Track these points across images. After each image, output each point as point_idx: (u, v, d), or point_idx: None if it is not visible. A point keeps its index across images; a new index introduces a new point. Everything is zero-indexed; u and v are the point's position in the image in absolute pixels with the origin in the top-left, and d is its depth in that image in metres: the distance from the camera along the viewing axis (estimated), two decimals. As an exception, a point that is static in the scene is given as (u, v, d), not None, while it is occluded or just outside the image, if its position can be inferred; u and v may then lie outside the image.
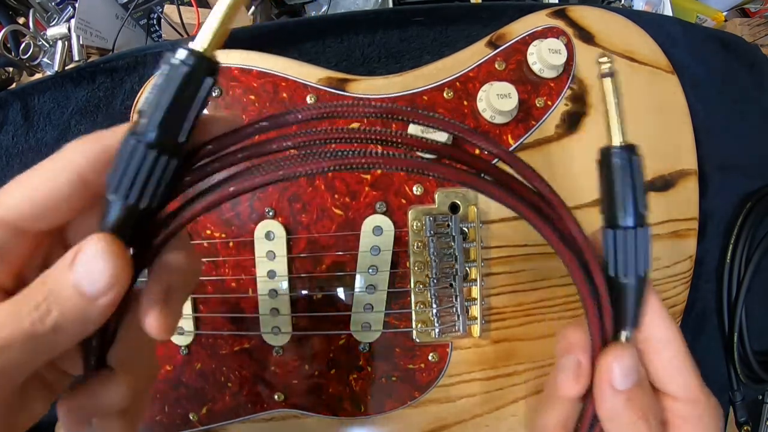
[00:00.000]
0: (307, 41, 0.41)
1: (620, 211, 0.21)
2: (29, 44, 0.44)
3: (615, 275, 0.22)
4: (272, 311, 0.35)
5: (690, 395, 0.23)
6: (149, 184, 0.18)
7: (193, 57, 0.17)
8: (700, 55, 0.44)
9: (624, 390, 0.21)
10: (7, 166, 0.42)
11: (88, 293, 0.18)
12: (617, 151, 0.22)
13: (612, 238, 0.21)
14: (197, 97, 0.18)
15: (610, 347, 0.22)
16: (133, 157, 0.17)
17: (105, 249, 0.18)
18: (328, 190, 0.35)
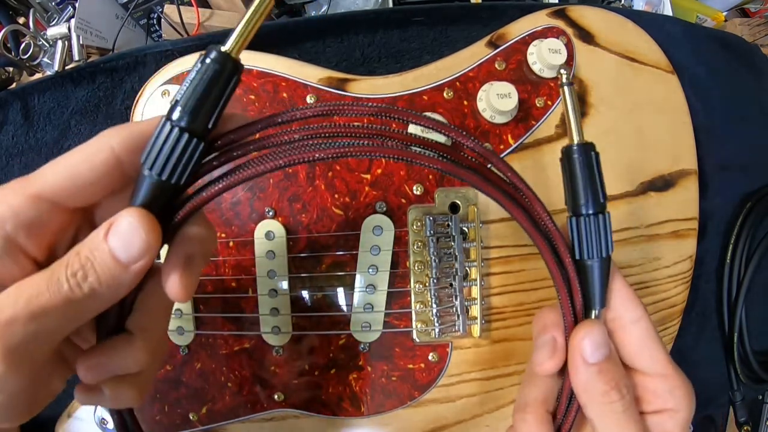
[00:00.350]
0: (307, 41, 0.41)
1: (582, 200, 0.24)
2: (29, 44, 0.44)
3: (581, 258, 0.24)
4: (272, 311, 0.35)
5: (659, 370, 0.24)
6: (180, 163, 0.20)
7: (221, 57, 0.21)
8: (700, 55, 0.44)
9: (595, 362, 0.23)
10: (7, 166, 0.42)
11: (123, 260, 0.20)
12: (577, 149, 0.25)
13: (575, 225, 0.24)
14: (223, 90, 0.21)
15: (581, 324, 0.24)
16: (168, 139, 0.20)
17: (139, 219, 0.20)
18: (328, 190, 0.35)
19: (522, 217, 0.25)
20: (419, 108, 0.36)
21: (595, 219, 0.24)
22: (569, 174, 0.25)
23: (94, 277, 0.20)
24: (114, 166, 0.21)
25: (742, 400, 0.45)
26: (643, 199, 0.37)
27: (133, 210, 0.20)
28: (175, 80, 0.36)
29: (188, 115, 0.20)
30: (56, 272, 0.20)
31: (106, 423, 0.37)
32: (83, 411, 0.38)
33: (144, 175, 0.21)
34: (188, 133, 0.20)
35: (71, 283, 0.19)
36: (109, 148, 0.21)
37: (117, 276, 0.20)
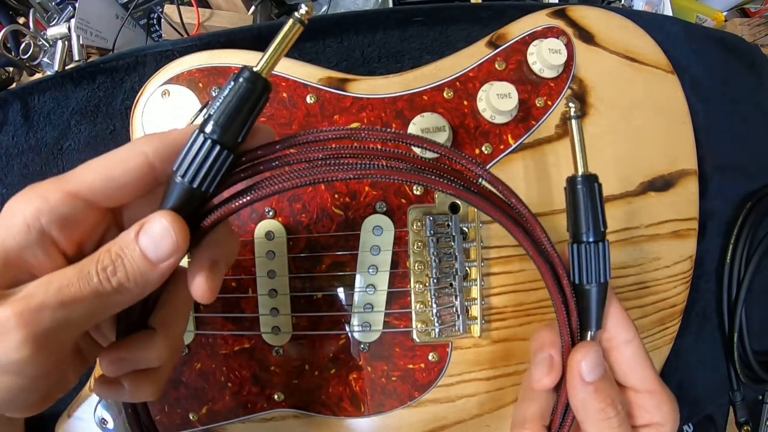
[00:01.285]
0: (307, 41, 0.41)
1: (583, 229, 0.26)
2: (29, 44, 0.45)
3: (579, 283, 0.26)
4: (272, 311, 0.35)
5: (648, 387, 0.26)
6: (210, 172, 0.22)
7: (253, 76, 0.22)
8: (700, 55, 0.44)
9: (592, 381, 0.25)
10: (7, 166, 0.42)
11: (153, 258, 0.21)
12: (581, 180, 0.26)
13: (576, 251, 0.26)
14: (253, 107, 0.22)
15: (578, 346, 0.26)
16: (201, 150, 0.22)
17: (171, 221, 0.21)
18: (328, 190, 0.35)
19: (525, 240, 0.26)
20: (419, 108, 0.36)
21: (595, 246, 0.25)
22: (572, 203, 0.26)
23: (123, 273, 0.21)
24: (146, 171, 0.22)
25: (742, 400, 0.45)
26: (643, 199, 0.37)
27: (165, 212, 0.21)
28: (175, 80, 0.36)
29: (220, 129, 0.22)
30: (87, 266, 0.21)
31: (106, 423, 0.37)
32: (83, 411, 0.38)
33: (176, 182, 0.22)
34: (219, 145, 0.22)
35: (101, 276, 0.21)
36: (143, 154, 0.22)
37: (145, 273, 0.21)
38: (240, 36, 0.40)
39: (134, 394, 0.24)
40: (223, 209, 0.23)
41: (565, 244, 0.27)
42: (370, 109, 0.36)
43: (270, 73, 0.23)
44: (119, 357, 0.23)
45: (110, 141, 0.42)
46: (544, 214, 0.36)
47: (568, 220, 0.27)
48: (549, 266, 0.26)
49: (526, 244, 0.26)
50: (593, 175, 0.26)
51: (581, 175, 0.26)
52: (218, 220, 0.23)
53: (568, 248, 0.26)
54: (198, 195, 0.22)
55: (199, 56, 0.36)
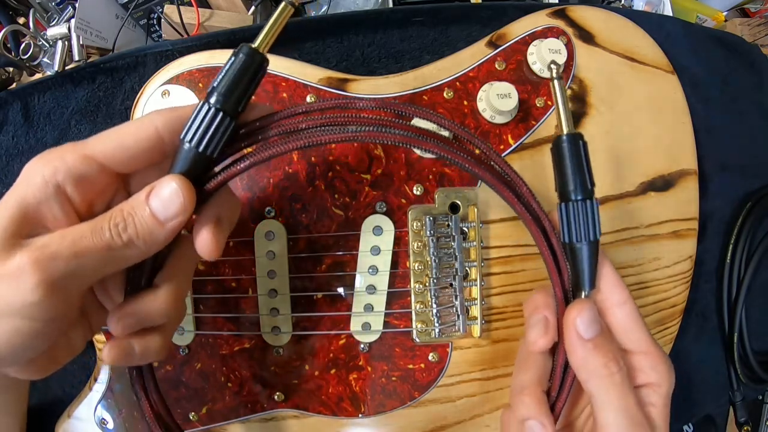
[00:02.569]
0: (307, 41, 0.41)
1: (570, 187, 0.26)
2: (29, 44, 0.44)
3: (570, 241, 0.26)
4: (272, 311, 0.35)
5: (643, 348, 0.26)
6: (214, 137, 0.24)
7: (251, 51, 0.25)
8: (700, 55, 0.44)
9: (590, 338, 0.25)
10: (7, 166, 0.42)
11: (161, 217, 0.23)
12: (566, 137, 0.26)
13: (564, 210, 0.26)
14: (252, 79, 0.25)
15: (572, 304, 0.26)
16: (206, 116, 0.24)
17: (179, 183, 0.23)
18: (328, 190, 0.35)
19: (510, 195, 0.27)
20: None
21: (583, 204, 0.26)
22: (558, 163, 0.26)
23: (133, 230, 0.23)
24: (156, 142, 0.24)
25: (742, 400, 0.45)
26: (643, 199, 0.37)
27: (174, 176, 0.24)
28: (175, 80, 0.36)
29: (222, 98, 0.24)
30: (100, 222, 0.23)
31: (106, 423, 0.37)
32: (83, 411, 0.38)
33: (183, 148, 0.24)
34: (222, 112, 0.24)
35: (113, 231, 0.23)
36: (153, 126, 0.24)
37: (153, 231, 0.23)
38: (240, 36, 0.40)
39: (143, 354, 0.25)
40: (226, 173, 0.25)
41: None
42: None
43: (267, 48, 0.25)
44: (126, 313, 0.25)
45: (110, 141, 0.42)
46: (544, 214, 0.36)
47: (556, 180, 0.27)
48: (536, 224, 0.27)
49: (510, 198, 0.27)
50: (578, 133, 0.26)
51: (566, 133, 0.26)
52: (222, 183, 0.25)
53: (557, 208, 0.26)
54: (203, 159, 0.24)
55: (199, 56, 0.36)
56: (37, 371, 0.25)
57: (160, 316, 0.25)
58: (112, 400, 0.37)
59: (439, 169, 0.36)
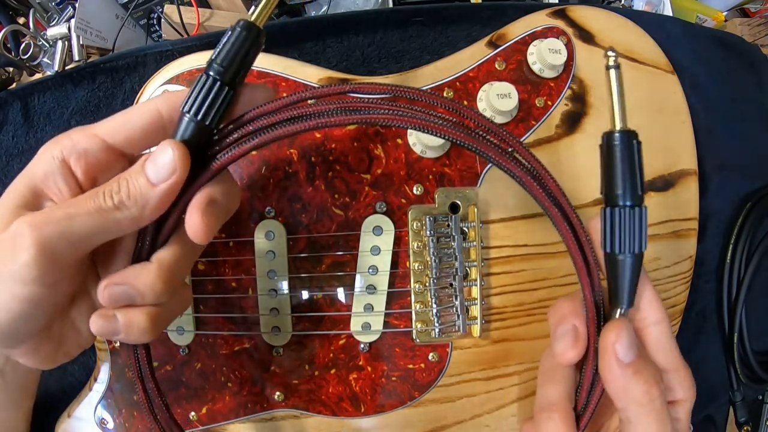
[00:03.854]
0: (307, 41, 0.41)
1: (619, 191, 0.23)
2: (29, 44, 0.44)
3: (611, 251, 0.23)
4: (272, 311, 0.35)
5: (675, 365, 0.25)
6: (213, 106, 0.25)
7: (248, 24, 0.25)
8: (700, 55, 0.44)
9: (630, 363, 0.23)
10: (7, 166, 0.42)
11: (152, 178, 0.24)
12: (619, 135, 0.23)
13: (609, 216, 0.23)
14: (249, 50, 0.25)
15: (609, 325, 0.24)
16: (204, 86, 0.24)
17: (172, 145, 0.24)
18: (328, 190, 0.35)
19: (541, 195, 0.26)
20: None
21: (631, 212, 0.23)
22: (607, 161, 0.24)
23: (125, 191, 0.24)
24: (158, 122, 0.25)
25: (742, 400, 0.45)
26: (643, 199, 0.37)
27: (168, 140, 0.24)
28: (175, 80, 0.36)
29: (222, 68, 0.25)
30: (96, 189, 0.24)
31: (106, 423, 0.37)
32: (83, 411, 0.38)
33: (183, 119, 0.25)
34: (220, 82, 0.25)
35: (105, 195, 0.23)
36: (156, 108, 0.25)
37: (144, 193, 0.24)
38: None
39: (127, 328, 0.25)
40: (230, 153, 0.25)
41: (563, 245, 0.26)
42: (370, 109, 0.36)
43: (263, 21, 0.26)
44: (113, 281, 0.25)
45: (110, 141, 0.42)
46: (542, 214, 0.36)
47: (602, 181, 0.24)
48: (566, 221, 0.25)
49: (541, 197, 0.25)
50: (632, 131, 0.24)
51: (619, 130, 0.24)
52: (226, 163, 0.25)
53: (600, 213, 0.24)
54: (202, 129, 0.25)
55: (199, 56, 0.36)
56: (44, 359, 0.25)
57: (146, 289, 0.25)
58: (112, 400, 0.37)
59: (439, 169, 0.36)
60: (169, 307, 0.27)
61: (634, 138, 0.24)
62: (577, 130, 0.37)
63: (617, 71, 0.24)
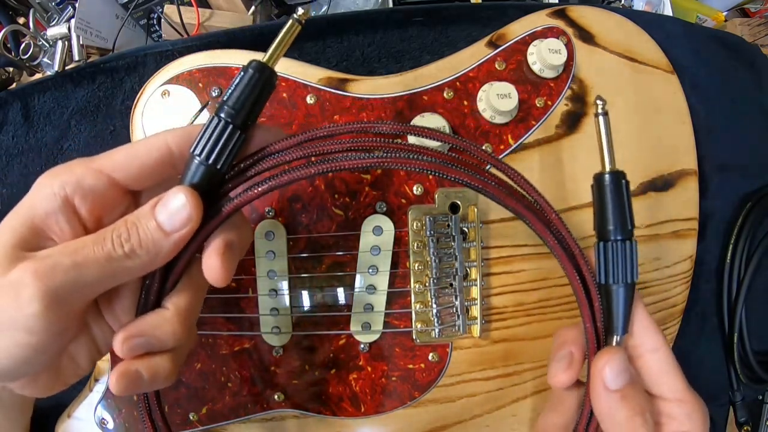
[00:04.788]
0: (307, 41, 0.41)
1: (610, 226, 0.25)
2: (29, 44, 0.44)
3: (605, 282, 0.25)
4: (272, 311, 0.35)
5: (677, 396, 0.25)
6: (224, 150, 0.24)
7: (260, 66, 0.25)
8: (700, 55, 0.44)
9: (617, 389, 0.24)
10: (8, 166, 0.42)
11: (166, 227, 0.23)
12: (609, 176, 0.26)
13: (602, 250, 0.25)
14: (261, 93, 0.25)
15: (601, 352, 0.25)
16: (215, 130, 0.24)
17: (185, 193, 0.23)
18: (328, 190, 0.35)
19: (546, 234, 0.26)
20: (419, 108, 0.36)
21: (622, 245, 0.25)
22: (599, 200, 0.26)
23: (136, 239, 0.22)
24: (167, 158, 0.24)
25: (742, 400, 0.45)
26: (643, 199, 0.37)
27: (181, 186, 0.23)
28: (175, 80, 0.36)
29: (232, 111, 0.24)
30: (103, 233, 0.23)
31: (106, 423, 0.37)
32: (83, 411, 0.38)
33: (193, 162, 0.24)
34: (232, 125, 0.24)
35: (115, 242, 0.22)
36: (165, 142, 0.24)
37: (157, 242, 0.23)
38: (240, 36, 0.40)
39: (152, 380, 0.24)
40: (242, 197, 0.25)
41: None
42: (370, 110, 0.36)
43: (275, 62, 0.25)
44: (131, 333, 0.24)
45: (110, 141, 0.42)
46: (544, 214, 0.36)
47: (595, 217, 0.26)
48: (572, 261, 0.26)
49: (548, 237, 0.26)
50: (620, 171, 0.26)
51: (608, 171, 0.26)
52: (238, 206, 0.25)
53: (594, 247, 0.26)
54: (213, 173, 0.24)
55: (199, 56, 0.36)
56: (41, 389, 0.24)
57: (168, 337, 0.24)
58: (112, 400, 0.37)
59: (439, 169, 0.36)
60: (186, 344, 0.26)
61: (623, 178, 0.26)
62: (577, 131, 0.37)
63: (605, 118, 0.26)
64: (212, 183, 0.25)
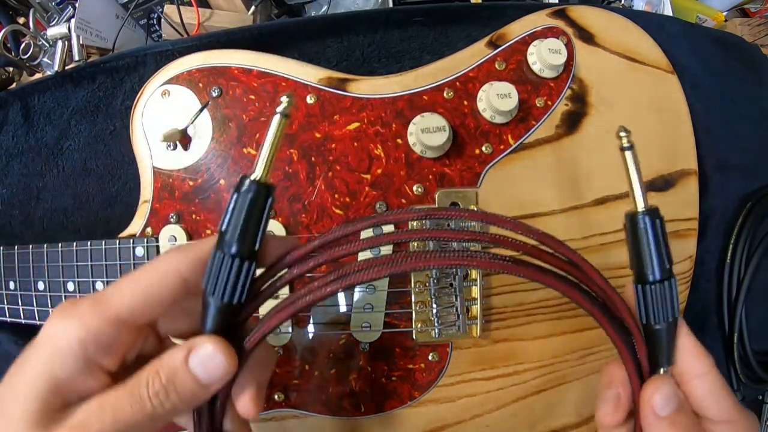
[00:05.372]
0: (307, 41, 0.41)
1: (648, 268, 0.24)
2: (29, 44, 0.45)
3: (647, 323, 0.24)
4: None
5: (728, 416, 0.25)
6: (237, 285, 0.23)
7: (252, 185, 0.23)
8: (700, 55, 0.44)
9: (666, 416, 0.24)
10: (7, 166, 0.42)
11: (204, 382, 0.23)
12: (642, 217, 0.24)
13: (642, 293, 0.24)
14: (261, 213, 0.23)
15: (650, 381, 0.25)
16: (222, 266, 0.23)
17: (217, 347, 0.23)
18: (328, 190, 0.35)
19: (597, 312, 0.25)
20: (419, 108, 0.36)
21: (661, 286, 0.24)
22: (634, 242, 0.24)
23: (175, 396, 0.22)
24: (182, 287, 0.23)
25: (742, 400, 0.45)
26: (643, 199, 0.37)
27: (211, 338, 0.23)
28: (175, 80, 0.36)
29: (235, 243, 0.23)
30: (137, 389, 0.22)
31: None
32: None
33: (209, 301, 0.23)
34: (239, 259, 0.23)
35: (154, 402, 0.22)
36: (177, 271, 0.23)
37: (197, 394, 0.23)
38: (240, 36, 0.40)
39: None
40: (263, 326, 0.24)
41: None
42: (370, 109, 0.36)
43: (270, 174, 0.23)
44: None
45: (110, 141, 0.42)
46: (543, 214, 0.36)
47: (631, 257, 0.25)
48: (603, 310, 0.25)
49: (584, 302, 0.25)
50: (655, 209, 0.24)
51: (643, 210, 0.24)
52: (261, 338, 0.24)
53: (632, 287, 0.25)
54: (232, 307, 0.23)
55: (199, 56, 0.36)
56: None
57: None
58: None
59: (439, 169, 0.36)
60: None
61: (657, 217, 0.24)
62: (577, 130, 0.37)
63: (632, 151, 0.24)
64: (233, 313, 0.24)
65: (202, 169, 0.36)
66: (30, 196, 0.42)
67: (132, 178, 0.41)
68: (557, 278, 0.25)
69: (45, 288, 0.38)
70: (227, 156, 0.36)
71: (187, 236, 0.36)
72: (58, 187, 0.42)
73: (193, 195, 0.36)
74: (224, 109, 0.36)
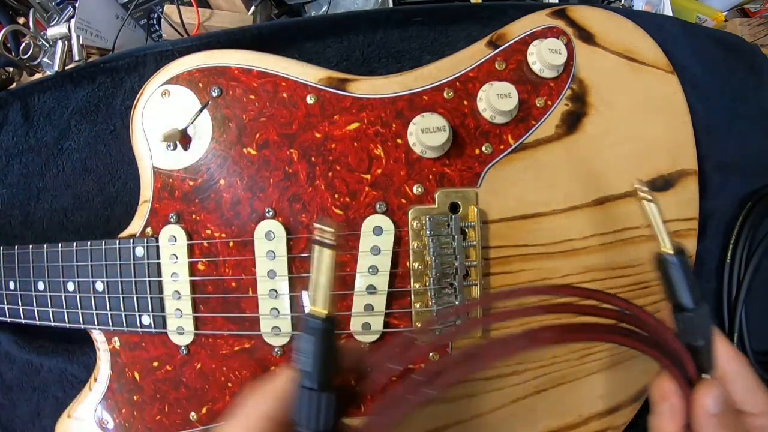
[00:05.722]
0: (307, 41, 0.41)
1: (684, 301, 0.27)
2: (29, 44, 0.45)
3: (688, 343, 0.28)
4: (272, 311, 0.35)
5: (764, 409, 0.28)
6: (328, 416, 0.25)
7: (322, 322, 0.25)
8: (700, 55, 0.44)
9: (716, 413, 0.26)
10: (8, 166, 0.42)
11: None
12: (670, 257, 0.27)
13: (681, 320, 0.28)
14: (332, 345, 0.25)
15: (699, 385, 0.27)
16: (306, 401, 0.25)
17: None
18: (328, 190, 0.35)
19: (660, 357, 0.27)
20: (419, 108, 0.36)
21: (697, 312, 0.27)
22: (668, 280, 0.28)
23: None
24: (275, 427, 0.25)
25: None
26: (643, 199, 0.37)
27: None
28: (175, 80, 0.36)
29: (315, 377, 0.25)
30: None
31: (106, 423, 0.37)
32: (83, 411, 0.38)
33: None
34: (321, 392, 0.25)
35: None
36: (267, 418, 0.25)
37: None
38: (240, 36, 0.40)
39: None
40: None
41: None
42: (370, 109, 0.36)
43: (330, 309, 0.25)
44: None
45: (110, 141, 0.42)
46: (543, 214, 0.36)
47: (666, 291, 0.28)
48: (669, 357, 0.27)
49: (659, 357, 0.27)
50: (680, 249, 0.27)
51: (672, 252, 0.27)
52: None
53: (671, 315, 0.28)
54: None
55: (199, 56, 0.36)
56: None
57: None
58: (112, 400, 0.37)
59: (439, 169, 0.36)
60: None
61: (683, 254, 0.27)
62: (577, 130, 0.37)
63: (652, 204, 0.27)
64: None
65: (202, 169, 0.36)
66: (30, 196, 0.42)
67: (132, 178, 0.41)
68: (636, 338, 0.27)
69: (45, 288, 0.38)
70: (227, 156, 0.36)
71: (187, 236, 0.36)
72: (58, 187, 0.42)
73: (193, 195, 0.36)
74: (224, 109, 0.36)
